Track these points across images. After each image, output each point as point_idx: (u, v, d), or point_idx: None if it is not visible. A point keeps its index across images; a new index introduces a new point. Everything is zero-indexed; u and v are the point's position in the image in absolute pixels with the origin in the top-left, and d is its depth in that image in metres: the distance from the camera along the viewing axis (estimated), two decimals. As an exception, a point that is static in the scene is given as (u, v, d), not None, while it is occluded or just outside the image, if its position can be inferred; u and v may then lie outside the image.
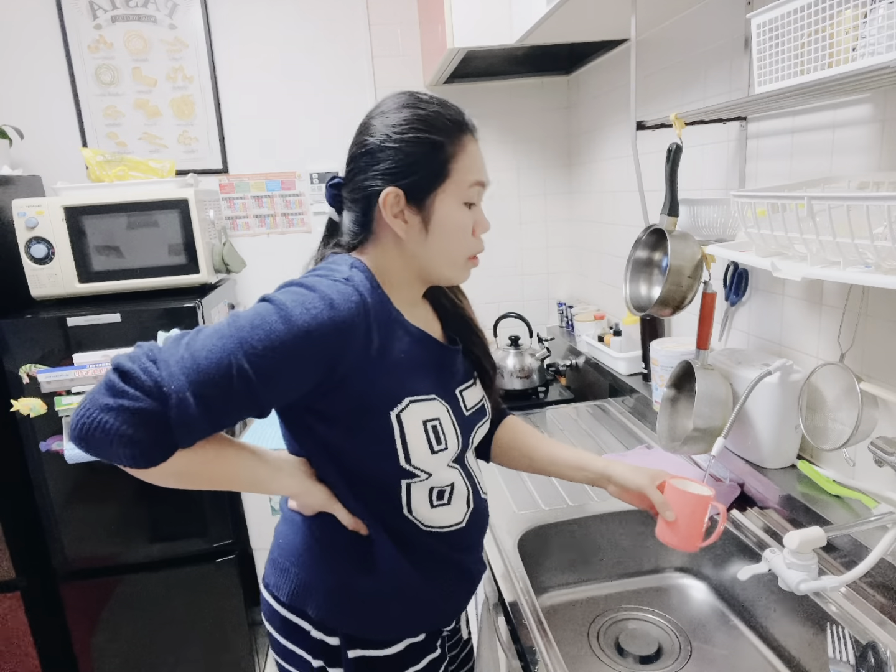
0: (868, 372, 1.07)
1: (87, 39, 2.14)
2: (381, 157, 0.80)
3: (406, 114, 0.80)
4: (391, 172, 0.80)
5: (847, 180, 1.02)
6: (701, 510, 0.94)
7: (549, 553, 1.29)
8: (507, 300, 2.54)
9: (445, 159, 0.80)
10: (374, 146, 0.80)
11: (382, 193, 0.79)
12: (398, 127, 0.80)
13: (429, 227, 0.82)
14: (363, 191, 0.82)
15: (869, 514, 1.03)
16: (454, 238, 0.84)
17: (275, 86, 2.27)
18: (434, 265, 0.86)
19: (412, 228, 0.82)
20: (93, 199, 1.79)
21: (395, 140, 0.79)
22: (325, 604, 0.86)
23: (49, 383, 1.70)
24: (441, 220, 0.82)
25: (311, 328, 0.71)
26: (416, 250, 0.84)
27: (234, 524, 1.92)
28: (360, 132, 0.83)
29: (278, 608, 0.90)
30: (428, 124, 0.80)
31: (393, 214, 0.81)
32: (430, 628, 0.92)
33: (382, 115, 0.82)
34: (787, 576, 0.86)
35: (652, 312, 1.22)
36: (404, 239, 0.82)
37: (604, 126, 2.11)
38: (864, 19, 0.76)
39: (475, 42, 1.74)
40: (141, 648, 1.94)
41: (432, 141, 0.80)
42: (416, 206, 0.81)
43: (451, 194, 0.82)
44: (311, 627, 0.87)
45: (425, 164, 0.80)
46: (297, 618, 0.88)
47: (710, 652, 1.11)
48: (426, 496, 0.87)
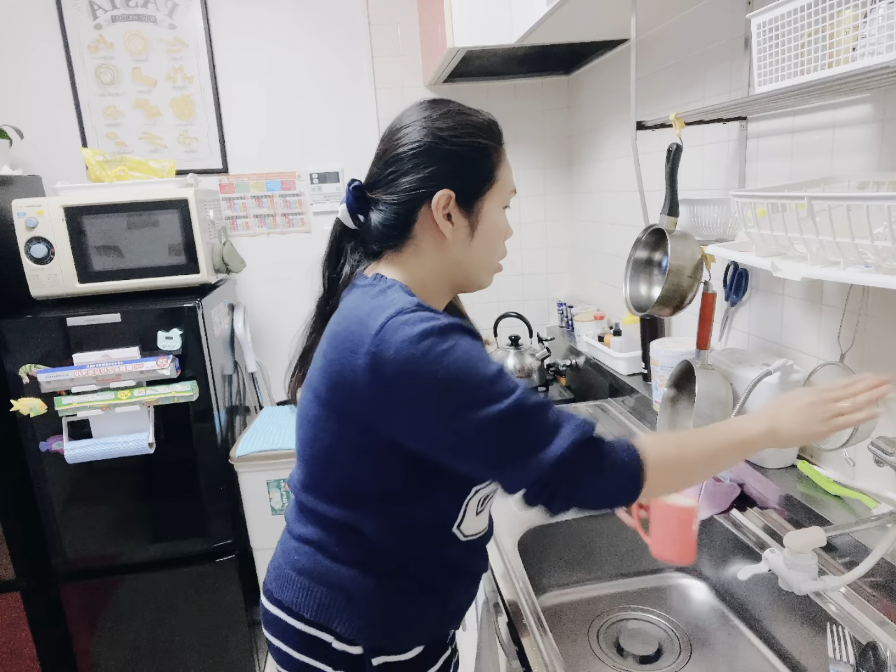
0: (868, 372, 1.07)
1: (87, 39, 2.14)
2: (433, 159, 0.80)
3: (460, 119, 0.81)
4: (444, 175, 0.80)
5: (847, 180, 1.02)
6: (688, 520, 0.95)
7: (549, 553, 1.29)
8: (507, 300, 2.54)
9: (492, 166, 0.83)
10: (424, 149, 0.80)
11: (437, 195, 0.79)
12: (454, 130, 0.80)
13: (475, 232, 0.83)
14: (409, 192, 0.80)
15: (869, 514, 1.03)
16: (495, 243, 0.86)
17: (275, 86, 2.27)
18: (474, 269, 0.86)
19: (458, 232, 0.83)
20: (93, 199, 1.79)
21: (452, 143, 0.80)
22: (355, 620, 0.85)
23: (49, 383, 1.70)
24: (487, 225, 0.84)
25: None
26: (459, 254, 0.84)
27: (234, 524, 1.92)
28: (402, 136, 0.82)
29: (297, 624, 0.88)
30: (481, 130, 0.82)
31: (443, 214, 0.81)
32: (449, 631, 0.94)
33: (429, 119, 0.81)
34: (787, 576, 0.86)
35: (652, 312, 1.22)
36: (449, 241, 0.82)
37: (604, 126, 2.11)
38: (864, 19, 0.76)
39: (475, 42, 1.73)
40: (141, 648, 1.94)
41: (485, 146, 0.82)
42: (464, 209, 0.82)
43: (496, 200, 0.84)
44: (332, 639, 0.86)
45: (477, 169, 0.82)
46: (320, 632, 0.86)
47: (710, 652, 1.11)
48: (477, 503, 0.88)
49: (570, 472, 0.72)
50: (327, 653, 0.86)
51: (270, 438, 1.91)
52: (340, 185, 2.35)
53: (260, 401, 2.31)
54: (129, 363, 1.72)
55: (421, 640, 0.89)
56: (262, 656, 2.11)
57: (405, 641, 0.87)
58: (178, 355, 1.76)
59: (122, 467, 1.82)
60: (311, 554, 0.88)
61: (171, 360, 1.73)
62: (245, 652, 1.99)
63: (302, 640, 0.87)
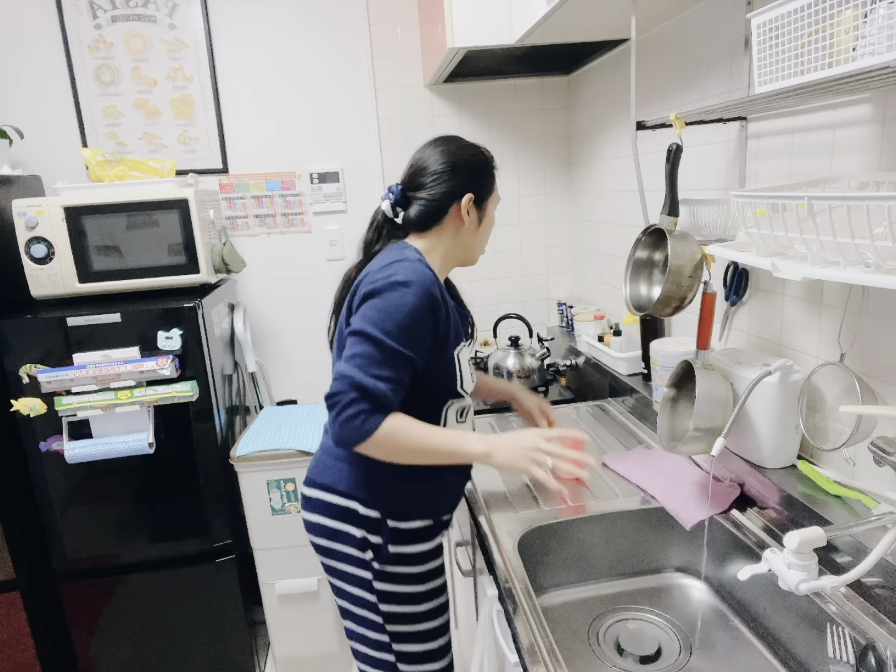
0: (868, 372, 1.07)
1: (87, 39, 2.14)
2: (459, 173, 1.19)
3: (472, 150, 1.22)
4: (468, 183, 1.20)
5: (847, 180, 1.02)
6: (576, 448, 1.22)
7: (549, 553, 1.29)
8: (507, 300, 2.55)
9: (493, 180, 1.25)
10: (452, 167, 1.18)
11: (465, 196, 1.19)
12: (472, 156, 1.21)
13: (482, 222, 1.25)
14: (446, 193, 1.18)
15: (869, 514, 1.03)
16: (488, 232, 1.29)
17: (275, 86, 2.27)
18: (474, 249, 1.27)
19: (472, 222, 1.22)
20: (93, 199, 1.79)
21: (474, 165, 1.21)
22: (376, 492, 1.17)
23: (49, 383, 1.70)
24: (487, 219, 1.26)
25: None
26: (468, 237, 1.24)
27: (234, 524, 1.92)
28: (432, 159, 1.19)
29: (331, 498, 1.19)
30: (485, 156, 1.24)
31: (466, 211, 1.20)
32: (444, 515, 1.25)
33: (460, 148, 1.21)
34: (787, 576, 0.86)
35: (652, 312, 1.22)
36: (464, 229, 1.22)
37: (604, 126, 2.11)
38: (864, 19, 0.76)
39: (475, 42, 1.74)
40: (141, 648, 1.94)
41: (489, 167, 1.24)
42: (477, 207, 1.22)
43: (493, 203, 1.27)
44: (359, 506, 1.17)
45: (486, 181, 1.23)
46: (350, 501, 1.18)
47: (710, 652, 1.11)
48: (456, 414, 1.24)
49: (333, 404, 1.04)
50: (355, 517, 1.18)
51: (270, 438, 1.91)
52: (340, 185, 2.35)
53: (260, 401, 2.31)
54: (129, 363, 1.72)
55: (423, 516, 1.19)
56: (262, 656, 2.11)
57: (410, 514, 1.18)
58: (178, 355, 1.76)
59: (122, 467, 1.82)
60: (333, 450, 1.21)
61: (171, 360, 1.73)
62: (245, 652, 1.99)
63: (335, 510, 1.19)
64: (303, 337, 2.44)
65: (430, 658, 1.26)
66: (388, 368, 1.05)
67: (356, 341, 1.06)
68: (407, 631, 1.22)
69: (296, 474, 1.89)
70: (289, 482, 1.89)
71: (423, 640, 1.24)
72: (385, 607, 1.19)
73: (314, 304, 2.42)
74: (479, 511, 1.34)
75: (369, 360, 1.04)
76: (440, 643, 1.27)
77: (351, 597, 1.22)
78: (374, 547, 1.17)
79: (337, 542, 1.20)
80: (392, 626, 1.21)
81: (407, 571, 1.19)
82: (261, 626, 2.14)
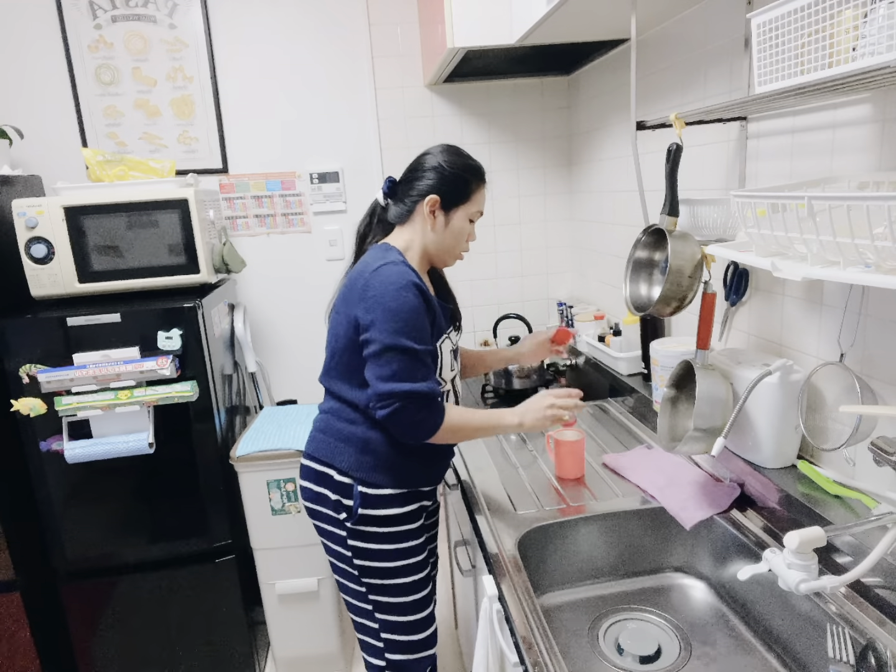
0: (868, 372, 1.07)
1: (87, 39, 2.14)
2: (433, 176, 1.29)
3: (458, 160, 1.31)
4: (437, 187, 1.29)
5: (847, 180, 1.02)
6: (577, 449, 1.45)
7: (549, 553, 1.29)
8: (507, 300, 2.54)
9: (469, 192, 1.31)
10: (431, 170, 1.29)
11: (431, 196, 1.28)
12: (452, 164, 1.29)
13: (447, 226, 1.32)
14: (417, 190, 1.30)
15: (869, 514, 1.03)
16: (457, 239, 1.34)
17: (275, 86, 2.27)
18: (439, 251, 1.34)
19: (437, 223, 1.31)
20: (93, 199, 1.79)
21: (448, 171, 1.29)
22: (347, 459, 1.30)
23: (49, 383, 1.70)
24: (454, 226, 1.32)
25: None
26: (435, 238, 1.32)
27: (234, 524, 1.92)
28: (424, 161, 1.30)
29: (313, 465, 1.35)
30: (469, 169, 1.31)
31: (429, 210, 1.29)
32: (419, 486, 1.35)
33: (450, 155, 1.30)
34: (787, 576, 0.86)
35: (652, 312, 1.22)
36: (430, 228, 1.30)
37: (604, 126, 2.11)
38: (864, 19, 0.76)
39: (475, 42, 1.74)
40: (141, 648, 1.94)
41: (466, 178, 1.30)
42: (444, 210, 1.30)
43: (464, 212, 1.32)
44: (334, 472, 1.32)
45: (457, 189, 1.30)
46: (326, 468, 1.33)
47: (710, 652, 1.11)
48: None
49: (396, 423, 1.23)
50: (331, 483, 1.32)
51: (270, 438, 1.91)
52: (340, 185, 2.35)
53: (260, 401, 2.31)
54: (129, 363, 1.72)
55: (392, 485, 1.30)
56: (262, 656, 2.11)
57: (379, 481, 1.30)
58: (178, 355, 1.76)
59: (122, 467, 1.82)
60: (326, 419, 1.36)
61: (171, 360, 1.73)
62: (245, 652, 1.99)
63: (316, 474, 1.35)
64: (303, 337, 2.44)
65: (406, 610, 1.36)
66: (423, 366, 1.21)
67: (391, 358, 1.19)
68: (380, 583, 1.34)
69: (296, 474, 1.89)
70: (289, 482, 1.89)
71: (398, 594, 1.35)
72: (358, 562, 1.33)
73: (314, 303, 2.42)
74: (480, 511, 1.34)
75: (409, 369, 1.19)
76: (415, 598, 1.37)
77: (334, 552, 1.37)
78: (347, 508, 1.31)
79: (318, 504, 1.35)
80: (367, 579, 1.34)
81: (376, 531, 1.31)
82: (261, 626, 2.14)
